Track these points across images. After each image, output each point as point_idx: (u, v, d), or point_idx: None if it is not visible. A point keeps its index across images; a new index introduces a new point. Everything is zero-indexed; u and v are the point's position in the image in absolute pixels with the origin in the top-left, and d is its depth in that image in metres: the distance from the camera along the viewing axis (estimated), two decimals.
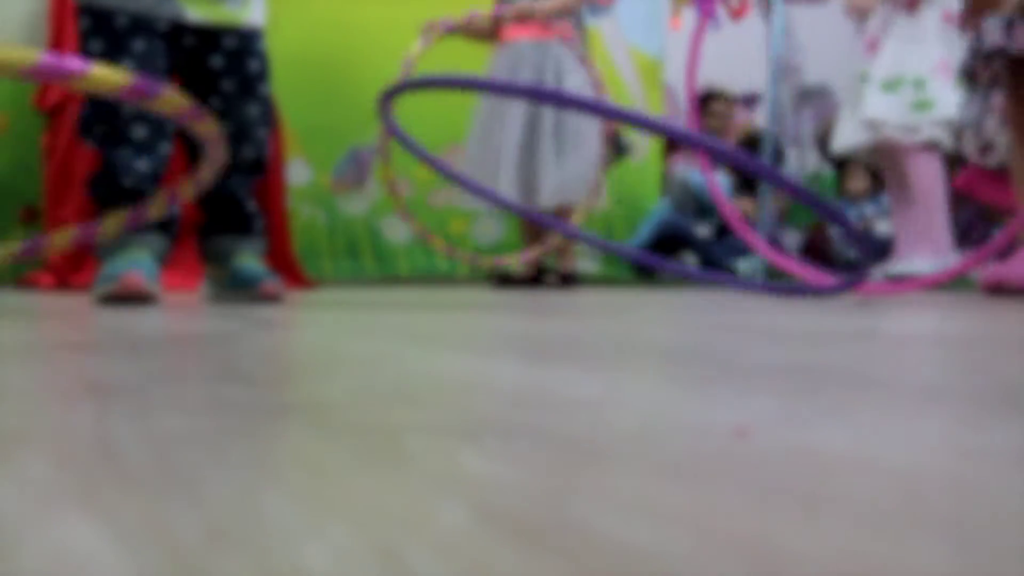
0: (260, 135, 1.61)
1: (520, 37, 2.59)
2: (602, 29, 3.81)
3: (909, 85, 2.47)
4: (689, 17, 3.67)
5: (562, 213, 2.61)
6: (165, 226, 1.55)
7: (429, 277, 3.34)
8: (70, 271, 2.41)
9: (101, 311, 1.26)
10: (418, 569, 0.18)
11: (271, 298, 1.54)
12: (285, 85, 2.85)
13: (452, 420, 0.37)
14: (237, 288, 1.61)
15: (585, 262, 3.70)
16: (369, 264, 3.29)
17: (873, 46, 2.57)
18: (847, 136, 2.66)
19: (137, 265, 1.41)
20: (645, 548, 0.19)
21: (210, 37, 1.54)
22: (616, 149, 3.83)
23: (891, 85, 2.48)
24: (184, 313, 1.21)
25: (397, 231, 3.33)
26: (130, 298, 1.36)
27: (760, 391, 0.46)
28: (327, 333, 0.91)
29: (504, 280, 2.71)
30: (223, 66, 1.55)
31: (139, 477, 0.27)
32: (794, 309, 1.29)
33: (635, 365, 0.62)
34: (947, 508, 0.23)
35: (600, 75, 2.50)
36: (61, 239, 1.37)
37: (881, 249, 3.27)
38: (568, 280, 2.70)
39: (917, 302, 1.65)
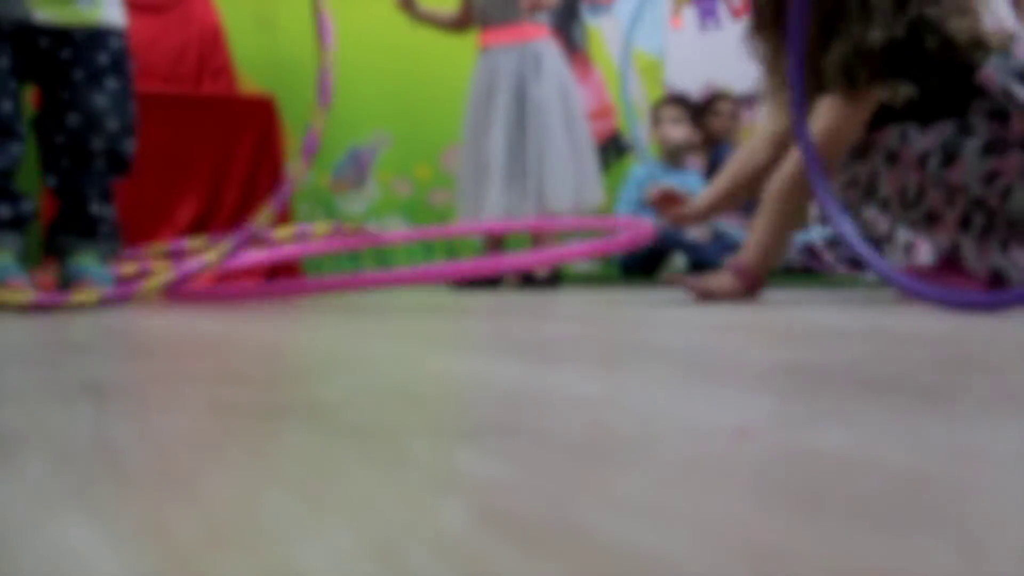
0: (111, 127, 1.53)
1: (497, 43, 2.58)
2: (602, 29, 3.81)
3: None
4: (690, 17, 3.67)
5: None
6: (17, 224, 1.45)
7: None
8: None
9: (100, 312, 1.26)
10: (418, 569, 0.18)
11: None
12: (285, 85, 2.86)
13: (452, 420, 0.37)
14: (65, 288, 1.44)
15: (579, 263, 3.69)
16: (369, 264, 3.29)
17: None
18: None
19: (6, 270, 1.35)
20: (645, 549, 0.19)
21: (62, 34, 1.52)
22: (617, 149, 3.83)
23: None
24: (182, 314, 1.21)
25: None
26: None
27: (760, 391, 0.46)
28: (327, 333, 0.91)
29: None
30: (71, 56, 1.52)
31: (138, 477, 0.27)
32: (794, 309, 1.29)
33: (635, 365, 0.62)
34: (947, 508, 0.23)
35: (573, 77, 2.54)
36: None
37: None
38: (531, 280, 2.57)
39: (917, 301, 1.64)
